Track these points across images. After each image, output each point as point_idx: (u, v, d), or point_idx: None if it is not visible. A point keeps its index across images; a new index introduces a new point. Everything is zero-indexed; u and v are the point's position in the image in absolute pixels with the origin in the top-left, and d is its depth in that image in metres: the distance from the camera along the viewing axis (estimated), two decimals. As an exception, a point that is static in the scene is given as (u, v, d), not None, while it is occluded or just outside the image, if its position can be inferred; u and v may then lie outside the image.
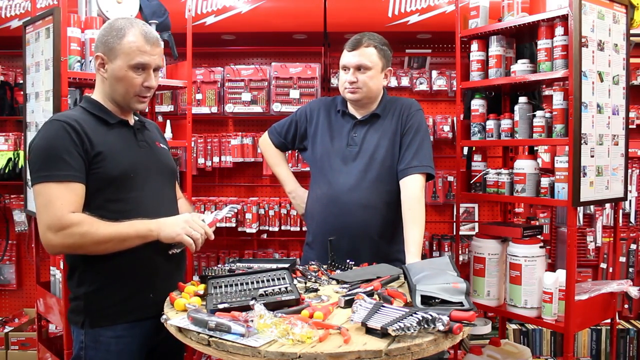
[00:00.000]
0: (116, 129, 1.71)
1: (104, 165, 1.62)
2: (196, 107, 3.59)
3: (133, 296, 1.68)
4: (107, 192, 1.64)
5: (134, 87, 1.68)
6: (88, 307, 1.67)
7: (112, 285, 1.66)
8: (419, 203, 2.07)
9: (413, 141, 2.16)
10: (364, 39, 2.14)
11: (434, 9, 3.34)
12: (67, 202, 1.55)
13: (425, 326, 1.32)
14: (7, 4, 3.41)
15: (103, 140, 1.64)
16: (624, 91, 2.39)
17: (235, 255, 3.70)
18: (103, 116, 1.70)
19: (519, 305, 2.34)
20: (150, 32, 1.69)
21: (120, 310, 1.67)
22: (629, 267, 3.72)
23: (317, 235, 2.23)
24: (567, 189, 2.21)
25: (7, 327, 3.60)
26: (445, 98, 3.80)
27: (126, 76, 1.66)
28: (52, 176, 1.55)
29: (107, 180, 1.63)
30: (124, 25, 1.66)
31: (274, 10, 3.38)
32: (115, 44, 1.65)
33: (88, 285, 1.67)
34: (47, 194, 1.55)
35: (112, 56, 1.66)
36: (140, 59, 1.65)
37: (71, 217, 1.54)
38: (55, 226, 1.54)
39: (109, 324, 1.66)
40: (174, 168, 1.91)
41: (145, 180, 1.72)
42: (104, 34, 1.68)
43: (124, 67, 1.65)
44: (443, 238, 3.67)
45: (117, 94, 1.70)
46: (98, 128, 1.67)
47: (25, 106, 2.61)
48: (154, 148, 1.82)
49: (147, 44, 1.66)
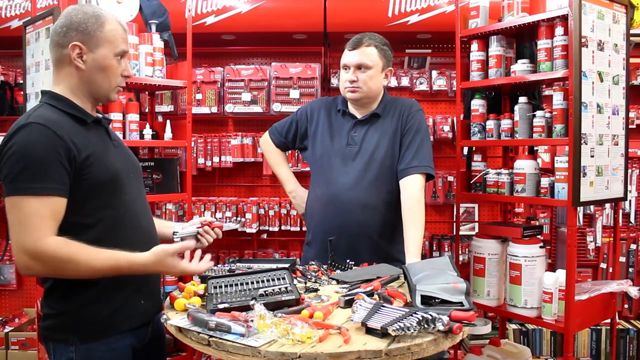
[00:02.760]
0: (93, 129, 1.57)
1: (93, 170, 1.48)
2: (196, 107, 3.59)
3: (125, 305, 1.57)
4: (97, 198, 1.50)
5: (116, 76, 1.57)
6: (78, 323, 1.51)
7: (103, 297, 1.53)
8: (418, 203, 2.07)
9: (413, 141, 2.16)
10: (365, 39, 2.14)
11: (434, 9, 3.34)
12: (44, 222, 1.38)
13: (425, 326, 1.32)
14: (7, 4, 3.41)
15: (87, 143, 1.49)
16: (624, 91, 2.39)
17: (235, 255, 3.70)
18: (79, 115, 1.53)
19: (519, 305, 2.35)
20: (121, 19, 1.60)
21: (112, 321, 1.54)
22: (629, 267, 3.72)
23: (317, 235, 2.23)
24: (567, 189, 2.21)
25: (7, 327, 3.60)
26: (445, 98, 3.80)
27: (111, 65, 1.54)
28: (31, 188, 1.38)
29: (96, 185, 1.49)
30: (99, 12, 1.55)
31: (274, 10, 3.38)
32: (97, 31, 1.51)
33: (77, 300, 1.50)
34: (23, 209, 1.38)
35: (93, 44, 1.51)
36: (124, 47, 1.57)
37: (47, 244, 1.38)
38: (29, 251, 1.38)
39: (101, 337, 1.52)
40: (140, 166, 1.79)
41: (128, 182, 1.61)
42: (79, 23, 1.51)
43: (109, 55, 1.53)
44: (443, 238, 3.67)
45: (98, 85, 1.56)
46: (77, 129, 1.50)
47: (25, 106, 2.61)
48: (123, 147, 1.71)
49: (124, 32, 1.58)
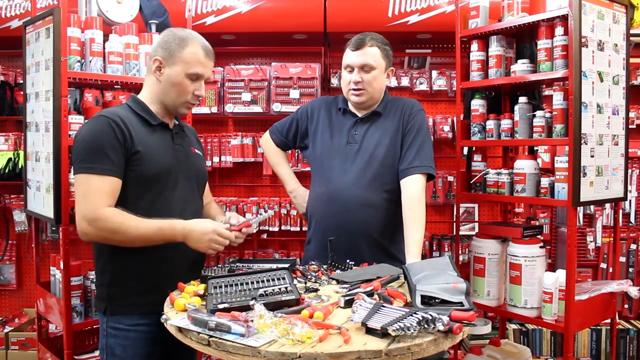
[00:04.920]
0: (157, 131, 1.81)
1: (140, 165, 1.72)
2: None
3: (151, 291, 1.75)
4: (138, 190, 1.73)
5: (187, 94, 1.80)
6: (110, 295, 1.78)
7: (131, 278, 1.77)
8: (419, 203, 2.07)
9: (414, 141, 2.16)
10: (367, 39, 2.14)
11: (434, 9, 3.34)
12: (104, 195, 1.65)
13: (425, 326, 1.32)
14: (7, 4, 3.41)
15: (144, 140, 1.74)
16: (624, 91, 2.39)
17: (235, 255, 3.70)
18: (146, 117, 1.80)
19: (519, 305, 2.35)
20: (208, 46, 1.83)
21: (137, 301, 1.77)
22: (629, 267, 3.72)
23: (317, 234, 2.23)
24: (567, 189, 2.21)
25: (7, 327, 3.60)
26: (445, 98, 3.80)
27: (182, 83, 1.78)
28: (94, 168, 1.66)
29: (140, 179, 1.72)
30: (186, 36, 1.80)
31: (274, 10, 3.38)
32: (177, 51, 1.77)
33: (110, 274, 1.79)
34: (87, 184, 1.66)
35: (171, 62, 1.77)
36: (198, 70, 1.78)
37: (105, 212, 1.65)
38: (89, 217, 1.65)
39: (127, 312, 1.77)
40: (204, 174, 2.01)
41: (176, 183, 1.81)
42: (165, 40, 1.79)
43: (181, 73, 1.77)
44: (443, 238, 3.67)
45: (169, 98, 1.81)
46: (141, 127, 1.77)
47: (25, 106, 2.61)
48: (189, 153, 1.92)
49: (205, 57, 1.81)
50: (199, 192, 1.97)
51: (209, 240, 1.71)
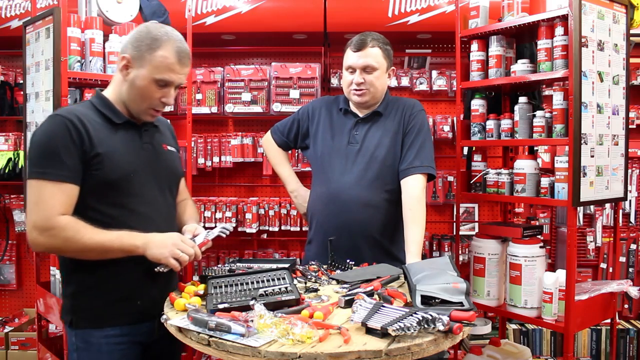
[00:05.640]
0: (122, 130, 1.66)
1: (102, 168, 1.57)
2: (196, 107, 3.58)
3: (119, 302, 1.63)
4: (102, 194, 1.59)
5: (152, 100, 1.63)
6: (74, 307, 1.65)
7: (97, 289, 1.63)
8: (419, 203, 2.07)
9: (415, 141, 2.16)
10: (369, 40, 2.13)
11: (434, 9, 3.34)
12: (57, 203, 1.52)
13: (425, 326, 1.32)
14: (7, 4, 3.41)
15: (105, 141, 1.59)
16: (624, 91, 2.39)
17: (235, 255, 3.70)
18: (110, 115, 1.64)
19: (519, 305, 2.34)
20: (184, 50, 1.64)
21: (105, 313, 1.63)
22: (629, 267, 3.72)
23: (318, 234, 2.23)
24: (567, 189, 2.21)
25: (7, 327, 3.60)
26: (445, 98, 3.80)
27: (147, 88, 1.61)
28: (47, 174, 1.52)
29: (104, 183, 1.58)
30: (161, 37, 1.60)
31: (274, 10, 3.38)
32: (146, 52, 1.59)
33: (75, 285, 1.66)
34: (39, 191, 1.52)
35: (139, 63, 1.60)
36: (166, 77, 1.61)
37: (58, 220, 1.51)
38: (41, 226, 1.52)
39: (95, 326, 1.62)
40: (177, 172, 1.85)
41: (143, 185, 1.66)
42: (137, 38, 1.61)
43: (147, 78, 1.60)
44: (443, 238, 3.67)
45: (132, 101, 1.65)
46: (103, 127, 1.61)
47: (25, 106, 2.61)
48: (159, 151, 1.76)
49: (178, 63, 1.62)
50: (171, 194, 1.81)
51: (173, 244, 1.57)
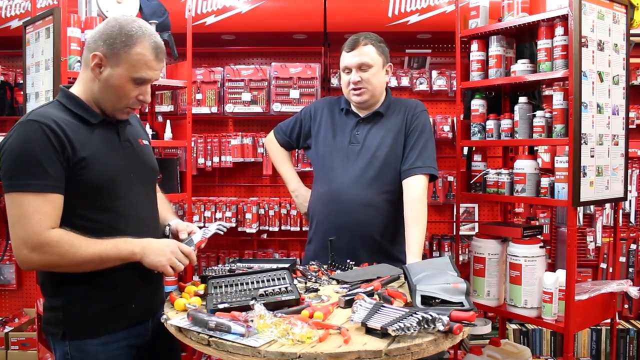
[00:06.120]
0: (99, 130, 1.56)
1: (88, 173, 1.48)
2: (196, 107, 3.59)
3: (115, 308, 1.57)
4: (89, 200, 1.51)
5: (128, 99, 1.55)
6: (67, 320, 1.53)
7: (92, 298, 1.54)
8: (421, 203, 2.07)
9: (417, 142, 2.16)
10: (361, 38, 2.15)
11: (434, 9, 3.34)
12: (45, 216, 1.41)
13: (425, 326, 1.32)
14: (7, 4, 3.41)
15: (86, 144, 1.49)
16: (624, 91, 2.39)
17: (235, 255, 3.70)
18: (85, 115, 1.54)
19: (519, 305, 2.34)
20: (159, 45, 1.56)
21: (101, 321, 1.55)
22: (629, 267, 3.72)
23: (318, 233, 2.23)
24: (567, 189, 2.21)
25: (7, 327, 3.60)
26: (445, 98, 3.80)
27: (124, 86, 1.53)
28: (29, 185, 1.40)
29: (90, 188, 1.49)
30: (135, 32, 1.51)
31: (274, 10, 3.38)
32: (122, 50, 1.50)
33: (65, 297, 1.53)
34: (23, 205, 1.40)
35: (114, 62, 1.50)
36: (144, 74, 1.53)
37: (50, 235, 1.41)
38: (31, 243, 1.40)
39: (91, 335, 1.54)
40: (155, 167, 1.77)
41: (129, 186, 1.60)
42: (109, 34, 1.51)
43: (124, 76, 1.51)
44: (443, 238, 3.67)
45: (106, 101, 1.55)
46: (80, 129, 1.51)
47: (25, 106, 2.61)
48: (137, 147, 1.68)
49: (154, 60, 1.54)
50: (153, 190, 1.74)
51: (171, 252, 1.53)
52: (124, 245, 1.50)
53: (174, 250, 1.55)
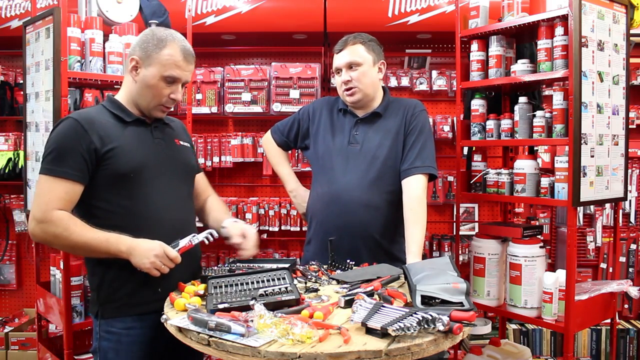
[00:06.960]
0: (132, 127, 1.77)
1: (114, 162, 1.68)
2: (196, 107, 3.59)
3: (140, 290, 1.73)
4: (115, 187, 1.69)
5: (161, 96, 1.75)
6: (100, 298, 1.75)
7: (119, 278, 1.72)
8: (420, 203, 2.07)
9: (417, 141, 2.16)
10: (350, 39, 2.17)
11: (434, 9, 3.34)
12: (55, 197, 1.63)
13: (425, 326, 1.32)
14: (7, 4, 3.41)
15: (117, 137, 1.71)
16: (624, 91, 2.39)
17: (235, 255, 3.69)
18: (120, 114, 1.76)
19: (519, 305, 2.35)
20: (188, 49, 1.77)
21: (128, 302, 1.73)
22: (629, 267, 3.72)
23: (318, 234, 2.22)
24: (567, 189, 2.21)
25: (7, 327, 3.60)
26: (445, 98, 3.80)
27: (156, 85, 1.73)
28: (52, 170, 1.64)
29: (116, 176, 1.69)
30: (165, 37, 1.73)
31: (274, 10, 3.38)
32: (153, 52, 1.71)
33: (99, 277, 1.75)
34: (42, 185, 1.65)
35: (148, 63, 1.72)
36: (174, 73, 1.72)
37: (52, 214, 1.61)
38: (38, 217, 1.63)
39: (119, 315, 1.73)
40: (192, 166, 1.95)
41: (155, 177, 1.76)
42: (144, 40, 1.74)
43: (156, 75, 1.72)
44: (443, 238, 3.67)
45: (143, 99, 1.76)
46: (113, 126, 1.73)
47: (25, 106, 2.61)
48: (171, 145, 1.86)
49: (183, 60, 1.74)
50: (187, 185, 1.92)
51: (155, 256, 1.64)
52: (114, 242, 1.65)
53: (158, 254, 1.66)
